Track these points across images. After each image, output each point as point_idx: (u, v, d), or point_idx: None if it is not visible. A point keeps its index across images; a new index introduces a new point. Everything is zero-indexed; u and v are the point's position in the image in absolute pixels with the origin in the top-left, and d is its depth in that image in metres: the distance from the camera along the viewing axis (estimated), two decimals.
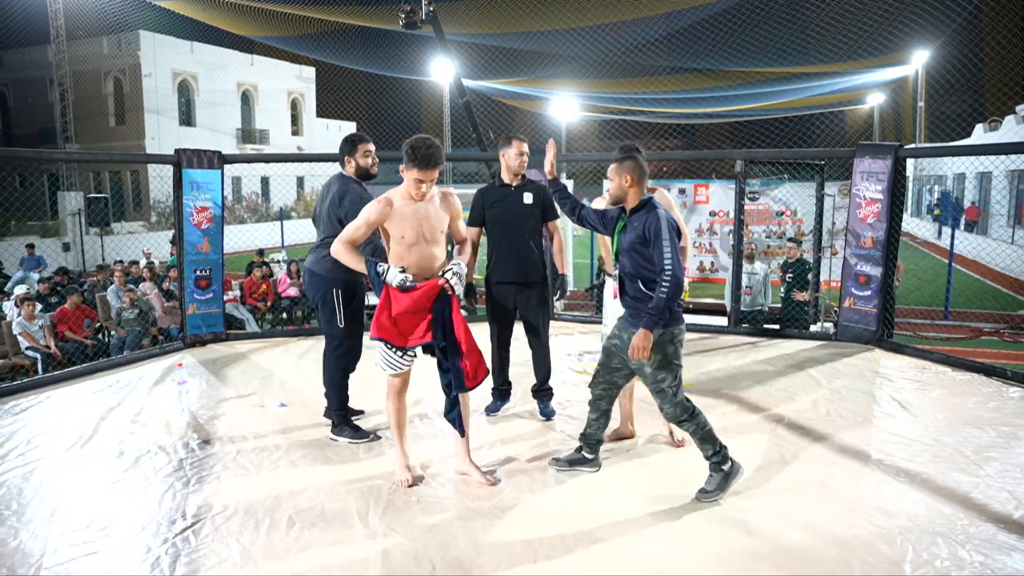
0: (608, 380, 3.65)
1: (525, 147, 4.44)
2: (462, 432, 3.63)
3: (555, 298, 4.62)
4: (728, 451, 3.38)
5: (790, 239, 8.90)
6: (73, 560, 2.89)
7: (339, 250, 3.48)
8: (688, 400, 3.42)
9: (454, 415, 3.60)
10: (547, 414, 4.54)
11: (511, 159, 4.40)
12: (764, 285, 8.54)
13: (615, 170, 3.38)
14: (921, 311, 11.03)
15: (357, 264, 3.45)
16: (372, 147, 4.24)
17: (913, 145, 21.40)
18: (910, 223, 24.86)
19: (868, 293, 6.40)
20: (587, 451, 3.73)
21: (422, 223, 3.42)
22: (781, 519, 3.16)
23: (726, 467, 3.35)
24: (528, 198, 4.41)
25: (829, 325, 7.91)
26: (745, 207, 7.18)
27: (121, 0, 21.86)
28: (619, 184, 3.38)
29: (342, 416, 4.21)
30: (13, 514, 3.29)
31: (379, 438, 4.17)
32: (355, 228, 3.46)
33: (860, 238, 6.43)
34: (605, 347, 3.67)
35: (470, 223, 4.51)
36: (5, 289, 12.80)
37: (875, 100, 33.50)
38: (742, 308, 8.60)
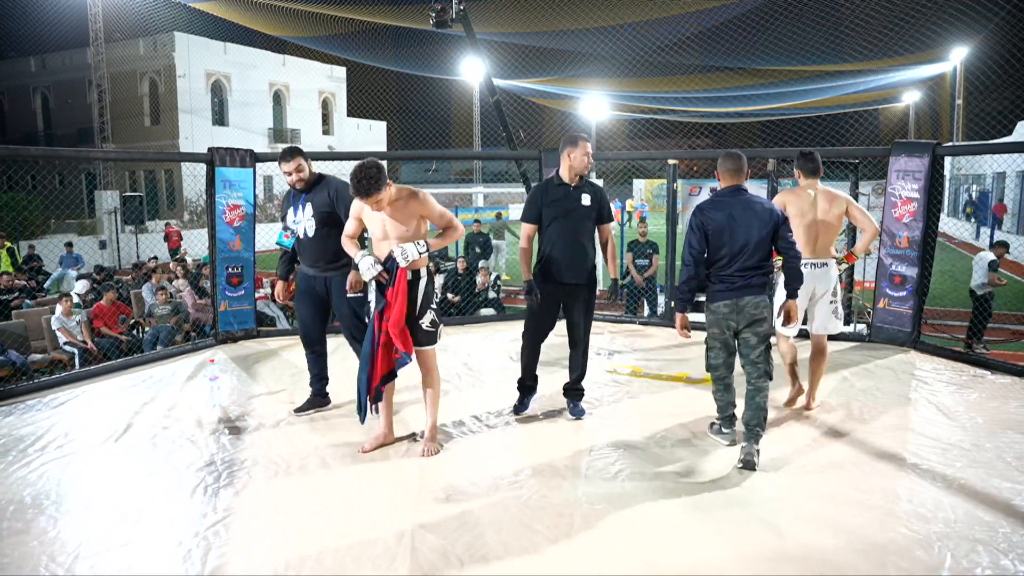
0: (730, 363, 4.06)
1: (590, 147, 4.40)
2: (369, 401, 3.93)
3: (608, 301, 4.60)
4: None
5: None
6: (108, 550, 2.94)
7: (344, 242, 4.01)
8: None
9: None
10: (577, 413, 4.51)
11: (577, 159, 4.33)
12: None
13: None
14: (959, 313, 10.80)
15: (353, 256, 3.95)
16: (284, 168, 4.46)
17: (951, 143, 20.99)
18: (947, 223, 24.36)
19: (903, 294, 6.28)
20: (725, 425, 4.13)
21: (385, 221, 3.76)
22: (813, 522, 3.11)
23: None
24: (586, 199, 4.36)
25: (862, 326, 7.77)
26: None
27: (157, 2, 22.22)
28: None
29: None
30: (52, 504, 3.36)
31: (415, 439, 4.17)
32: (348, 223, 4.00)
33: (895, 238, 6.31)
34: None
35: (525, 219, 4.46)
36: (46, 286, 13.09)
37: (911, 98, 32.91)
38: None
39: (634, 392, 5.07)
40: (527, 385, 4.57)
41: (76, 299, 9.46)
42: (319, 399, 4.69)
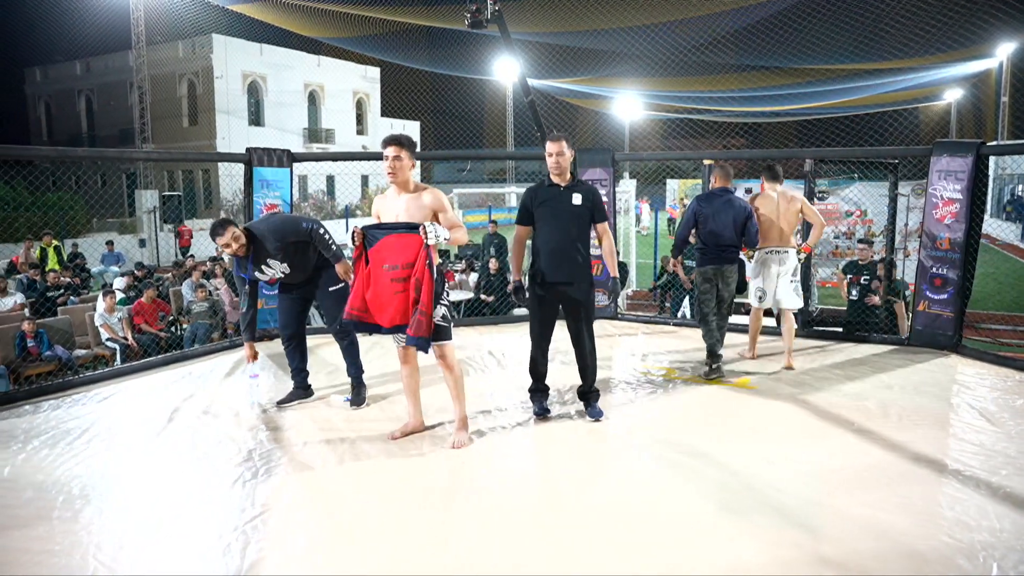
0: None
1: (561, 147, 4.32)
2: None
3: (608, 301, 4.57)
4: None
5: (860, 240, 8.60)
6: (150, 542, 3.01)
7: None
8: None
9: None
10: (595, 415, 4.47)
11: (548, 161, 4.38)
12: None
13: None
14: (1002, 316, 10.54)
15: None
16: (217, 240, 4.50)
17: (995, 142, 20.47)
18: (991, 224, 23.78)
19: (944, 297, 6.15)
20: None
21: (398, 215, 3.88)
22: (851, 527, 3.05)
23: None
24: (577, 199, 4.33)
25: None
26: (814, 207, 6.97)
27: (196, 5, 22.61)
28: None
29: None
30: (98, 495, 3.45)
31: (444, 427, 4.21)
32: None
33: (936, 239, 6.18)
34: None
35: (518, 221, 4.51)
36: (89, 283, 13.41)
37: (952, 96, 32.16)
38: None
39: (668, 393, 5.05)
40: (539, 389, 4.55)
41: (120, 295, 9.67)
42: (301, 391, 4.87)
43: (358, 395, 4.76)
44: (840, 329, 7.30)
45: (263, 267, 4.49)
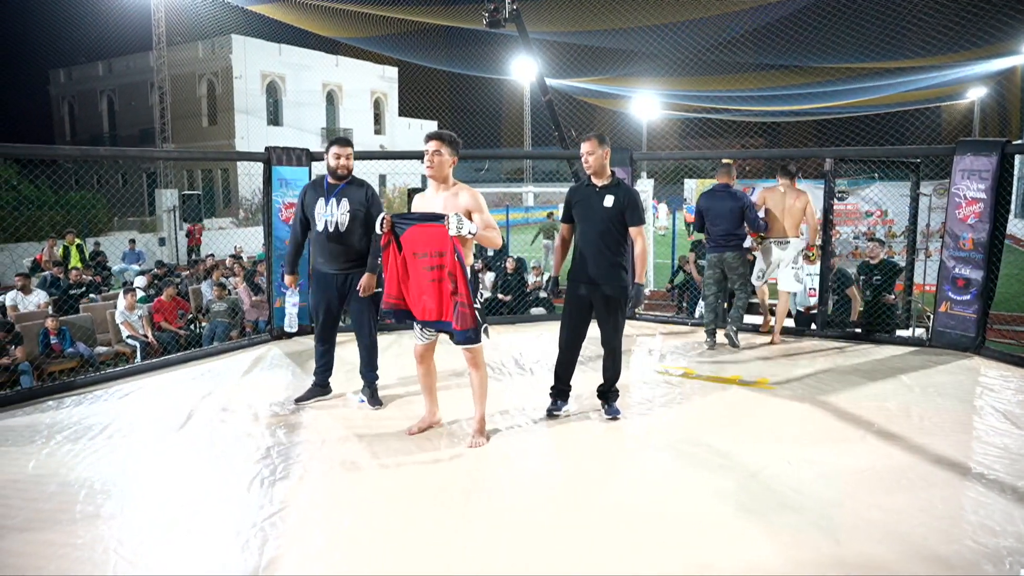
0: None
1: (592, 146, 4.33)
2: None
3: (629, 306, 4.54)
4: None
5: (870, 239, 8.52)
6: (171, 537, 3.04)
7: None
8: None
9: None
10: (612, 414, 4.46)
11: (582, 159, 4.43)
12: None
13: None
14: None
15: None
16: (338, 150, 4.61)
17: (1021, 141, 20.17)
18: (1015, 225, 23.44)
19: (967, 297, 6.07)
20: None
21: (433, 211, 3.90)
22: (872, 530, 3.03)
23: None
24: (609, 200, 4.32)
25: (921, 331, 7.54)
26: (833, 207, 6.92)
27: (216, 6, 22.79)
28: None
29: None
30: (119, 490, 3.48)
31: (461, 425, 4.21)
32: None
33: (959, 240, 6.11)
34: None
35: (562, 219, 4.62)
36: (110, 282, 13.57)
37: (976, 94, 31.72)
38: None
39: (686, 393, 5.02)
40: (560, 389, 4.55)
41: (141, 293, 9.77)
42: (319, 389, 4.89)
43: (373, 397, 4.76)
44: (859, 330, 7.23)
45: (342, 200, 4.51)
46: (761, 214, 6.53)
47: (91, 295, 11.00)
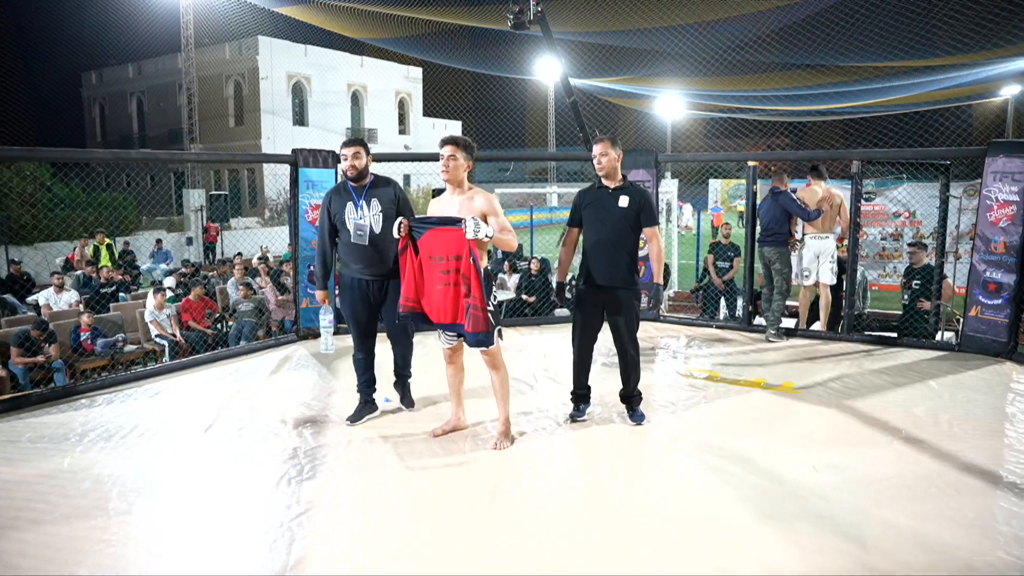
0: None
1: (605, 147, 4.30)
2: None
3: (648, 307, 4.52)
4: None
5: (913, 243, 8.39)
6: (201, 536, 3.10)
7: None
8: None
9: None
10: (636, 420, 4.44)
11: (594, 161, 4.38)
12: (862, 288, 8.16)
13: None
14: None
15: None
16: (343, 150, 4.42)
17: None
18: None
19: (999, 302, 5.98)
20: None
21: (449, 215, 3.92)
22: (899, 538, 2.99)
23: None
24: (624, 201, 4.29)
25: (950, 335, 7.43)
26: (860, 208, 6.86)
27: (243, 8, 23.04)
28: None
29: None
30: (150, 488, 3.56)
31: (485, 427, 4.23)
32: None
33: (990, 243, 6.02)
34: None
35: (568, 223, 4.54)
36: (139, 280, 13.78)
37: (1009, 92, 31.11)
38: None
39: (710, 396, 5.00)
40: (579, 395, 4.54)
41: (170, 293, 9.92)
42: (369, 406, 4.62)
43: (406, 395, 4.73)
44: (893, 334, 7.17)
45: (371, 201, 4.34)
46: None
47: (121, 294, 11.19)
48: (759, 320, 7.47)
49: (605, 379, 5.07)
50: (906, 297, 7.73)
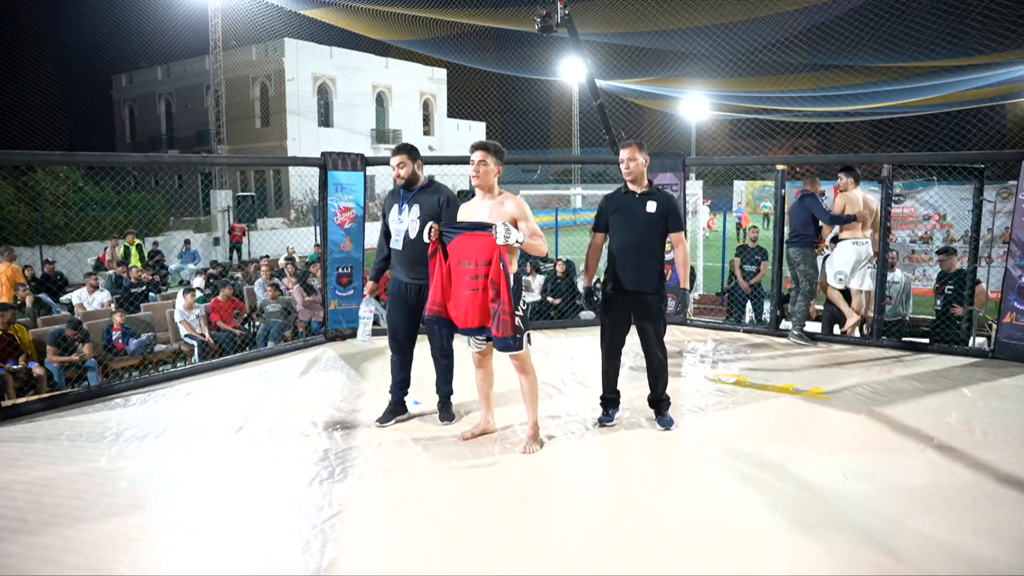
0: None
1: (633, 152, 4.30)
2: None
3: (675, 310, 4.51)
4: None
5: (943, 250, 8.28)
6: (231, 535, 3.14)
7: None
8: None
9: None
10: (665, 424, 4.43)
11: (621, 166, 4.37)
12: (905, 294, 8.04)
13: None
14: None
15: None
16: (392, 159, 4.47)
17: None
18: None
19: None
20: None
21: (479, 220, 3.94)
22: (936, 550, 2.96)
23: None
24: (651, 206, 4.30)
25: (982, 341, 7.33)
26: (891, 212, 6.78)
27: (270, 11, 23.29)
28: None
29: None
30: (184, 488, 3.61)
31: (514, 431, 4.25)
32: None
33: None
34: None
35: (594, 228, 4.54)
36: (167, 280, 13.99)
37: None
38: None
39: (738, 401, 4.97)
40: (608, 399, 4.54)
41: (199, 293, 10.06)
42: (398, 407, 4.62)
43: (446, 411, 4.63)
44: (924, 340, 7.09)
45: (413, 207, 4.36)
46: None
47: (151, 294, 11.36)
48: (786, 324, 7.41)
49: (633, 384, 5.06)
50: (939, 303, 7.63)
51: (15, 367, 7.33)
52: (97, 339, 8.39)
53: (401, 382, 4.62)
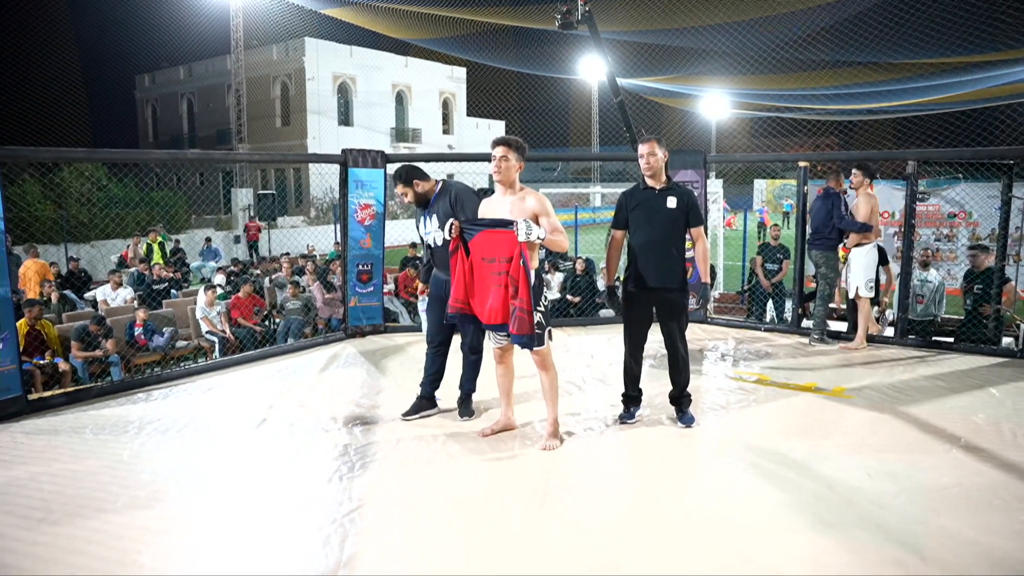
0: None
1: (652, 147, 4.27)
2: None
3: (697, 307, 4.47)
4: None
5: (974, 246, 8.14)
6: (251, 529, 3.16)
7: None
8: None
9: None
10: (686, 422, 4.40)
11: (641, 163, 4.33)
12: (939, 294, 7.91)
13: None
14: None
15: None
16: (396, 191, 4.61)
17: None
18: None
19: None
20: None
21: (500, 216, 3.94)
22: (963, 550, 2.90)
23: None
24: (672, 202, 4.27)
25: (1010, 340, 7.20)
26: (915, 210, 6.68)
27: (291, 10, 23.43)
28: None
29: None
30: (205, 482, 3.64)
31: (533, 427, 4.24)
32: None
33: None
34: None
35: (613, 225, 4.52)
36: (188, 278, 14.12)
37: None
38: (911, 317, 8.03)
39: (760, 399, 4.93)
40: (630, 396, 4.52)
41: (220, 290, 10.14)
42: (426, 402, 4.63)
43: (467, 408, 4.63)
44: (949, 339, 6.98)
45: (432, 217, 4.45)
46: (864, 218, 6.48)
47: (172, 291, 11.47)
48: (807, 323, 7.31)
49: (654, 381, 5.03)
50: (968, 302, 7.51)
51: (42, 362, 7.44)
52: (120, 335, 8.48)
53: (432, 377, 4.63)
